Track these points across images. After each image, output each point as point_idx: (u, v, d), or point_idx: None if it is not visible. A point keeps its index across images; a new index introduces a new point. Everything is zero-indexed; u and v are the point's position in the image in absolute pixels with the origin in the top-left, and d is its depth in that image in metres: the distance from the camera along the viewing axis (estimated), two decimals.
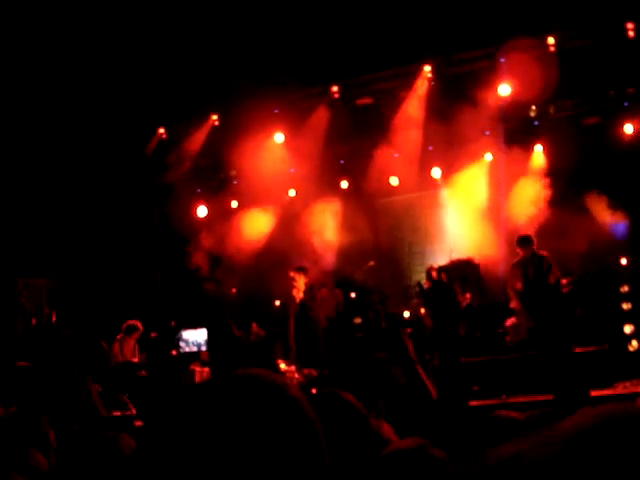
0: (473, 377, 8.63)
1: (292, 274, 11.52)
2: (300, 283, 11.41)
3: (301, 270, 11.64)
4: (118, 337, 11.24)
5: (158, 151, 14.26)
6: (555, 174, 12.90)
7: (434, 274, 11.35)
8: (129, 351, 11.30)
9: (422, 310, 12.31)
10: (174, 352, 10.26)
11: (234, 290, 12.76)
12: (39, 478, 2.69)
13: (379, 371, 9.25)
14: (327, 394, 2.26)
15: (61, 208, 13.04)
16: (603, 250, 11.05)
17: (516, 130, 13.36)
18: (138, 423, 9.09)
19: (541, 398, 7.47)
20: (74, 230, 13.21)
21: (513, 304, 10.44)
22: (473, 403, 7.89)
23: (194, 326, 9.44)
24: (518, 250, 10.56)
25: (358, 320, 13.51)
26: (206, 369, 11.56)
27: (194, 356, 8.55)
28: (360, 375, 9.22)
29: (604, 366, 8.20)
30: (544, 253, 10.40)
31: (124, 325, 11.32)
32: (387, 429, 3.18)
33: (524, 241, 10.46)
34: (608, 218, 12.46)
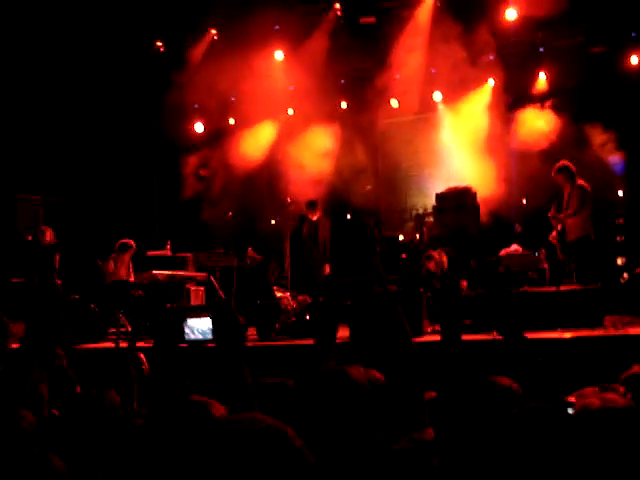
0: (466, 310, 8.72)
1: (305, 211, 11.57)
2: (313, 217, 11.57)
3: (313, 205, 11.69)
4: (112, 255, 11.31)
5: (156, 65, 13.96)
6: (557, 102, 12.77)
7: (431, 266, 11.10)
8: (124, 269, 11.39)
9: (417, 235, 12.38)
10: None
11: (230, 213, 12.77)
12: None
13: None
14: (336, 373, 2.21)
15: (59, 124, 12.89)
16: (601, 184, 11.01)
17: (520, 56, 13.12)
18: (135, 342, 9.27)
19: (531, 335, 7.56)
20: (71, 147, 13.10)
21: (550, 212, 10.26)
22: (465, 337, 8.01)
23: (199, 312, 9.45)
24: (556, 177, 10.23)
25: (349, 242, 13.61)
26: (201, 288, 11.71)
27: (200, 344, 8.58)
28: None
29: (596, 304, 8.29)
30: (582, 183, 10.05)
31: (117, 243, 11.39)
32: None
33: (559, 170, 10.15)
34: (607, 152, 12.40)
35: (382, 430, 1.97)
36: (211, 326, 2.20)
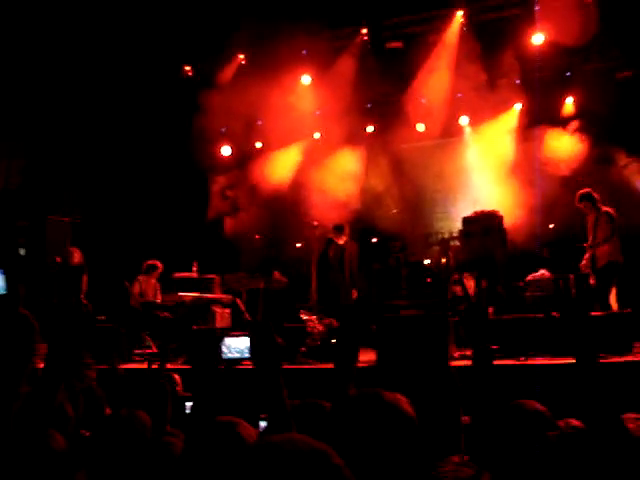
0: (493, 335, 8.66)
1: (332, 234, 11.57)
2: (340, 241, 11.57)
3: (340, 229, 11.68)
4: (139, 277, 11.38)
5: (185, 89, 14.12)
6: (585, 127, 12.73)
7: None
8: (151, 290, 11.45)
9: (443, 260, 12.32)
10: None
11: (257, 236, 12.81)
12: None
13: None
14: (370, 395, 2.17)
15: (89, 147, 13.05)
16: (631, 210, 10.93)
17: (548, 80, 13.10)
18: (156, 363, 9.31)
19: (560, 361, 7.50)
20: (101, 169, 13.25)
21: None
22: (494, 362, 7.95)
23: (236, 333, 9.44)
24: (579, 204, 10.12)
25: (377, 266, 13.59)
26: (227, 310, 11.72)
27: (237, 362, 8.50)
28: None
29: (625, 329, 8.18)
30: (608, 210, 9.92)
31: (144, 265, 11.45)
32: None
33: (582, 198, 10.04)
34: (633, 176, 12.32)
35: (420, 454, 1.96)
36: (248, 344, 2.22)
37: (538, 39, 12.44)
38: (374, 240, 14.53)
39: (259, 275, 10.92)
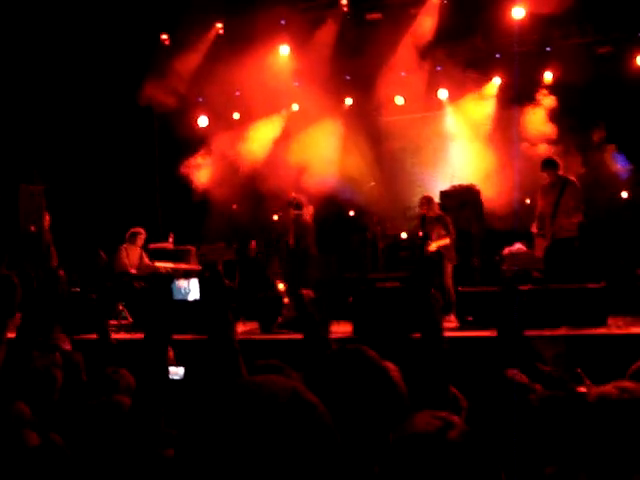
0: (468, 307, 8.70)
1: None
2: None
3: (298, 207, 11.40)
4: (124, 245, 11.18)
5: (161, 57, 13.91)
6: (563, 103, 12.74)
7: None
8: (135, 258, 11.24)
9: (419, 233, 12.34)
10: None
11: (234, 206, 12.75)
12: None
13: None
14: (352, 351, 2.20)
15: (62, 115, 12.85)
16: (606, 185, 11.00)
17: (527, 55, 13.07)
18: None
19: (531, 333, 7.53)
20: (75, 138, 13.06)
21: (533, 228, 9.92)
22: (467, 333, 7.99)
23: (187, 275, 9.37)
24: (542, 173, 9.68)
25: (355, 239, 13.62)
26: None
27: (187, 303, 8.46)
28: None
29: (599, 303, 8.24)
30: (572, 178, 9.61)
31: (127, 234, 11.28)
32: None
33: (547, 164, 9.61)
34: (611, 155, 12.40)
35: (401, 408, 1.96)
36: (198, 286, 2.22)
37: (518, 13, 12.37)
38: (352, 213, 14.54)
39: (235, 246, 10.86)
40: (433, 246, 10.34)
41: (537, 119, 12.77)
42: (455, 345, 7.17)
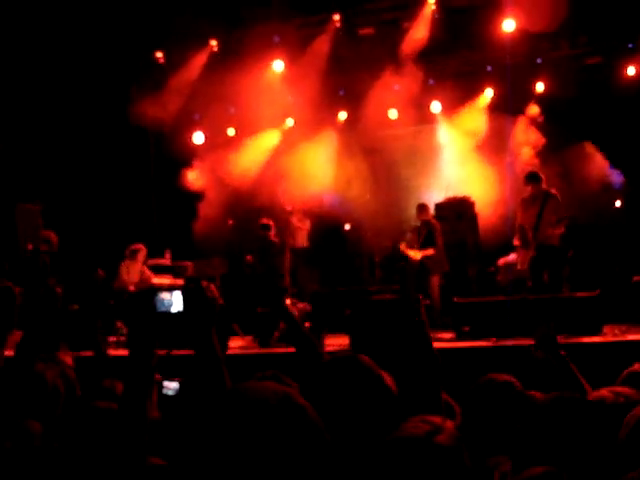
0: (464, 317, 8.75)
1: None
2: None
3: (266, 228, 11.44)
4: (125, 262, 11.20)
5: (155, 75, 14.00)
6: (554, 113, 12.85)
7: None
8: (136, 274, 11.25)
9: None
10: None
11: (230, 222, 12.80)
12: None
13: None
14: (346, 359, 2.24)
15: (59, 134, 12.91)
16: (598, 194, 11.08)
17: (518, 67, 13.18)
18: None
19: (527, 342, 7.58)
20: (72, 157, 13.11)
21: (515, 241, 10.01)
22: (464, 344, 8.05)
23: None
24: (526, 186, 9.82)
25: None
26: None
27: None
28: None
29: (594, 311, 8.29)
30: (553, 192, 9.71)
31: (127, 250, 11.31)
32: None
33: (531, 177, 9.79)
34: (603, 166, 12.49)
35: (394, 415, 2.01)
36: (181, 298, 2.22)
37: (509, 25, 12.48)
38: (347, 227, 14.60)
39: (231, 261, 10.91)
40: (418, 255, 10.49)
41: (528, 130, 12.88)
42: (451, 356, 7.22)
